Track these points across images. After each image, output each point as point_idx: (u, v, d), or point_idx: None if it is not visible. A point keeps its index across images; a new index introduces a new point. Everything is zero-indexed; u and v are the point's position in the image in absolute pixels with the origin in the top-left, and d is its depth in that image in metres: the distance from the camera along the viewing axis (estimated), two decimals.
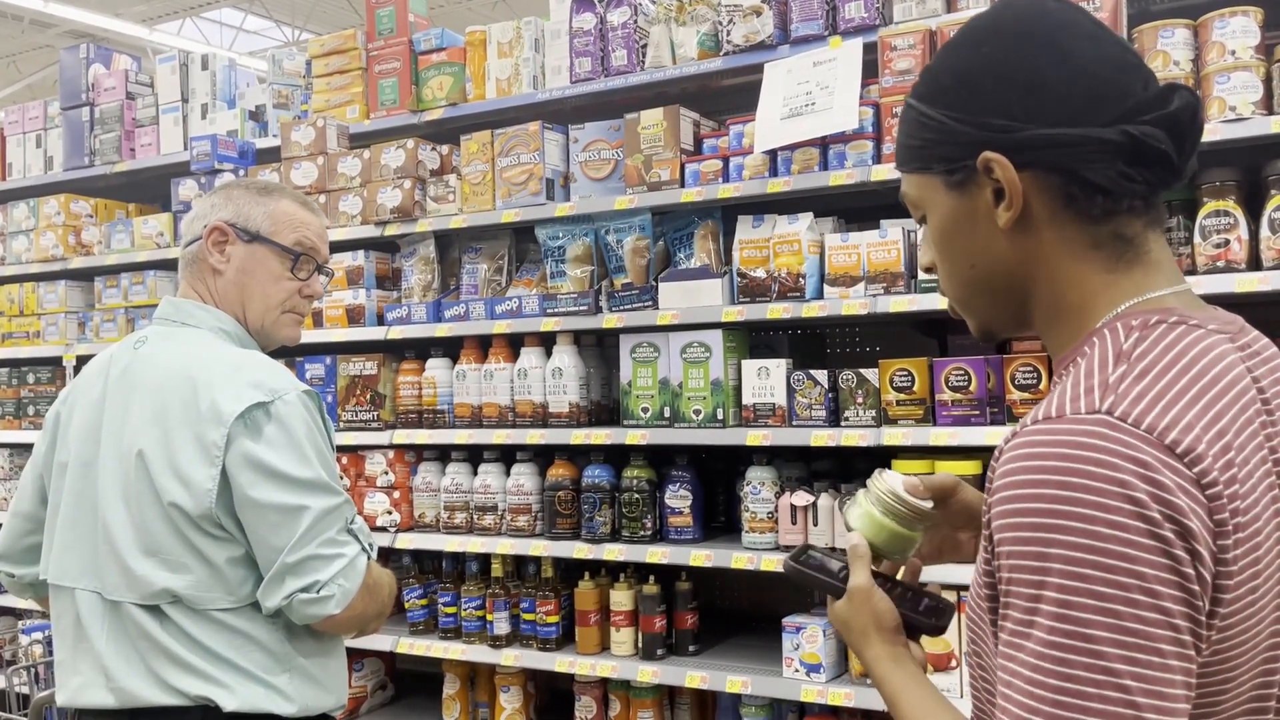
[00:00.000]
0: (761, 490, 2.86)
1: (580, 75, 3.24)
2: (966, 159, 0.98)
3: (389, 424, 3.44)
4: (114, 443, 1.75)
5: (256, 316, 1.89)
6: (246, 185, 1.94)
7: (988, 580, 0.93)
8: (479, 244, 3.51)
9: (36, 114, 4.49)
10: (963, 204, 1.01)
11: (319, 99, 3.75)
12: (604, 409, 3.25)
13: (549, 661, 3.08)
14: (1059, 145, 0.94)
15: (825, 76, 2.78)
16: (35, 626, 3.70)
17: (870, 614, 1.13)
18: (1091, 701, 0.80)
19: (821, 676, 2.71)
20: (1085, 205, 0.96)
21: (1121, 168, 0.94)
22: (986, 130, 0.97)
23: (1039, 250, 0.99)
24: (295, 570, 1.67)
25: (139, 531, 1.70)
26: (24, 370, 4.36)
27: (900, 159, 1.08)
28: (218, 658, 1.67)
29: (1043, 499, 0.84)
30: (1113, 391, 0.87)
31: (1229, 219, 2.37)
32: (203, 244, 1.87)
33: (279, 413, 1.69)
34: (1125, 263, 0.98)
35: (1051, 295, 1.00)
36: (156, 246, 4.03)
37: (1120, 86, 0.94)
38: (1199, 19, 2.46)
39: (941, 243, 1.05)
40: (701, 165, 2.98)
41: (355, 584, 1.69)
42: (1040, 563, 0.84)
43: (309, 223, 1.94)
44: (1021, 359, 2.56)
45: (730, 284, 2.92)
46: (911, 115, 1.04)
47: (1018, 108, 0.96)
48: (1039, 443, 0.87)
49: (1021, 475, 0.86)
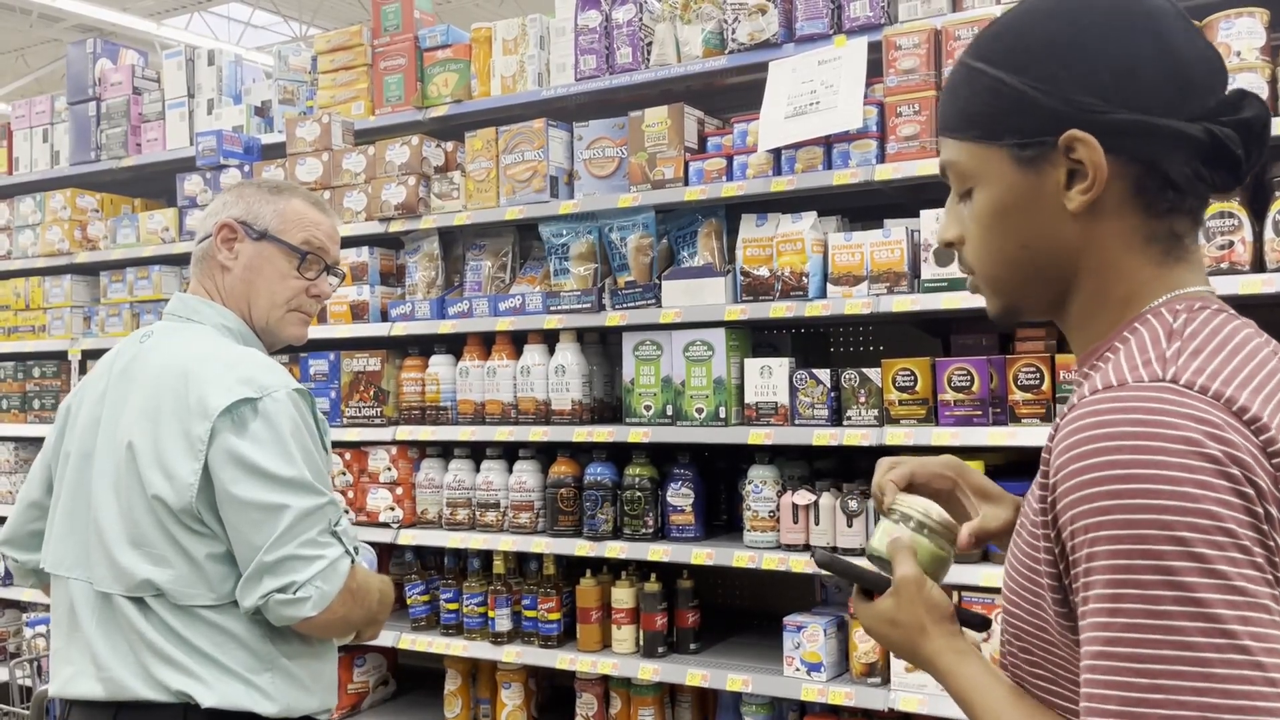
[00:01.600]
0: (763, 489, 2.86)
1: (585, 73, 3.24)
2: (1046, 135, 0.94)
3: (392, 420, 3.45)
4: (110, 435, 1.75)
5: (261, 314, 1.89)
6: (259, 184, 1.95)
7: (1048, 560, 0.89)
8: (483, 241, 3.52)
9: (43, 108, 4.50)
10: (1028, 181, 0.96)
11: (324, 95, 3.75)
12: (606, 407, 3.25)
13: (550, 658, 3.09)
14: (1148, 134, 0.91)
15: (830, 75, 2.77)
16: (39, 620, 3.72)
17: (925, 606, 1.07)
18: (1216, 668, 0.77)
19: (822, 675, 2.71)
20: (1154, 198, 0.94)
21: (1198, 166, 0.92)
22: (1074, 108, 0.92)
23: (1100, 238, 0.96)
24: (272, 570, 1.65)
25: (126, 523, 1.70)
26: (29, 364, 4.37)
27: (954, 124, 1.01)
28: (199, 653, 1.67)
29: (1120, 464, 0.81)
30: (1173, 363, 0.87)
31: (1233, 220, 2.36)
32: (212, 241, 1.88)
33: (266, 410, 1.68)
34: (1173, 259, 0.96)
35: (1099, 285, 0.97)
36: (162, 241, 4.04)
37: (1207, 84, 0.93)
38: (1204, 20, 2.45)
39: (993, 218, 0.99)
40: (705, 163, 2.97)
41: (334, 587, 1.67)
42: (1128, 530, 0.80)
43: (319, 222, 1.94)
44: (1025, 359, 2.55)
45: (733, 282, 2.92)
46: (980, 80, 0.97)
47: (1111, 88, 0.91)
48: (1105, 409, 0.84)
49: (1092, 444, 0.83)
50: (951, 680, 1.03)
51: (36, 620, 3.70)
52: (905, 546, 1.10)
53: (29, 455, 4.41)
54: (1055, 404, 2.52)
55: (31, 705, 2.32)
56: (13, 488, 4.35)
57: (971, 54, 1.00)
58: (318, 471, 1.72)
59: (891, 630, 1.09)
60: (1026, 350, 2.61)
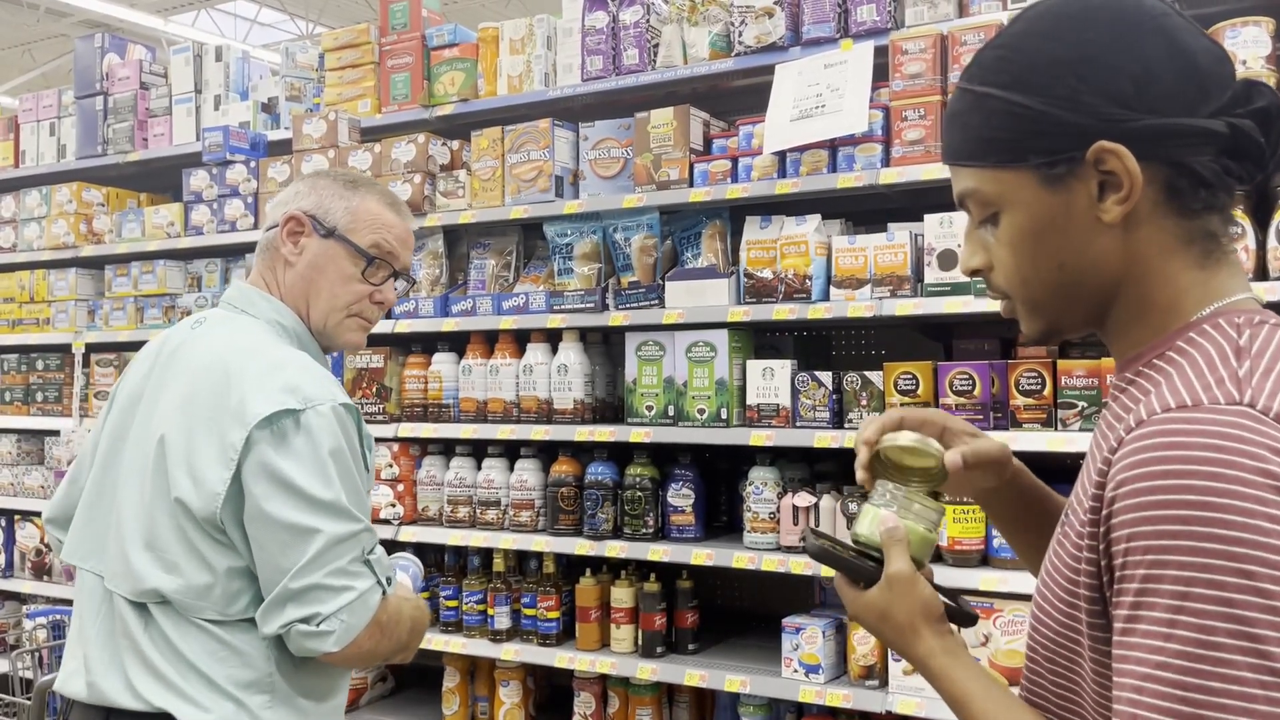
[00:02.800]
0: (764, 490, 2.86)
1: (591, 73, 3.25)
2: (1073, 150, 0.93)
3: (394, 417, 3.46)
4: (144, 424, 1.67)
5: (320, 316, 1.78)
6: (334, 176, 1.84)
7: (1089, 572, 0.89)
8: (487, 240, 3.53)
9: (51, 102, 4.52)
10: (1058, 199, 0.95)
11: (331, 92, 3.76)
12: (608, 406, 3.26)
13: (549, 657, 3.09)
14: (1175, 135, 0.91)
15: (836, 79, 2.78)
16: (39, 611, 3.73)
17: (917, 602, 1.05)
18: (1260, 704, 0.76)
19: (820, 677, 2.72)
20: (1188, 199, 0.93)
21: (1224, 161, 0.92)
22: (1099, 120, 0.91)
23: (1139, 247, 0.95)
24: (297, 598, 1.54)
25: (145, 521, 1.61)
26: (33, 357, 4.38)
27: (971, 153, 0.99)
28: (191, 668, 1.57)
29: (1192, 489, 0.80)
30: (1248, 385, 0.85)
31: (1237, 229, 2.37)
32: (278, 232, 1.78)
33: (309, 424, 1.56)
34: (1214, 261, 0.95)
35: (1141, 293, 0.96)
36: (167, 236, 4.05)
37: (1220, 78, 0.93)
38: (1210, 28, 2.46)
39: (1025, 242, 0.98)
40: (710, 165, 2.98)
41: (361, 621, 1.56)
42: (1194, 557, 0.79)
43: (391, 225, 1.82)
44: (1026, 365, 2.56)
45: (737, 284, 2.93)
46: (991, 104, 0.96)
47: (1133, 96, 0.91)
48: (1179, 430, 0.83)
49: (1163, 465, 0.82)
50: (944, 682, 1.02)
51: (37, 612, 3.71)
52: (899, 539, 1.07)
53: (31, 447, 4.42)
54: (1056, 409, 2.52)
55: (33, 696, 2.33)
56: (14, 479, 4.36)
57: (975, 80, 0.98)
58: (356, 495, 1.61)
59: (881, 624, 1.08)
60: (1028, 355, 2.61)
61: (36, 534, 4.24)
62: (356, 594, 1.56)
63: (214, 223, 3.91)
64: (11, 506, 4.32)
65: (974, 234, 1.03)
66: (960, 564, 2.59)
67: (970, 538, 2.58)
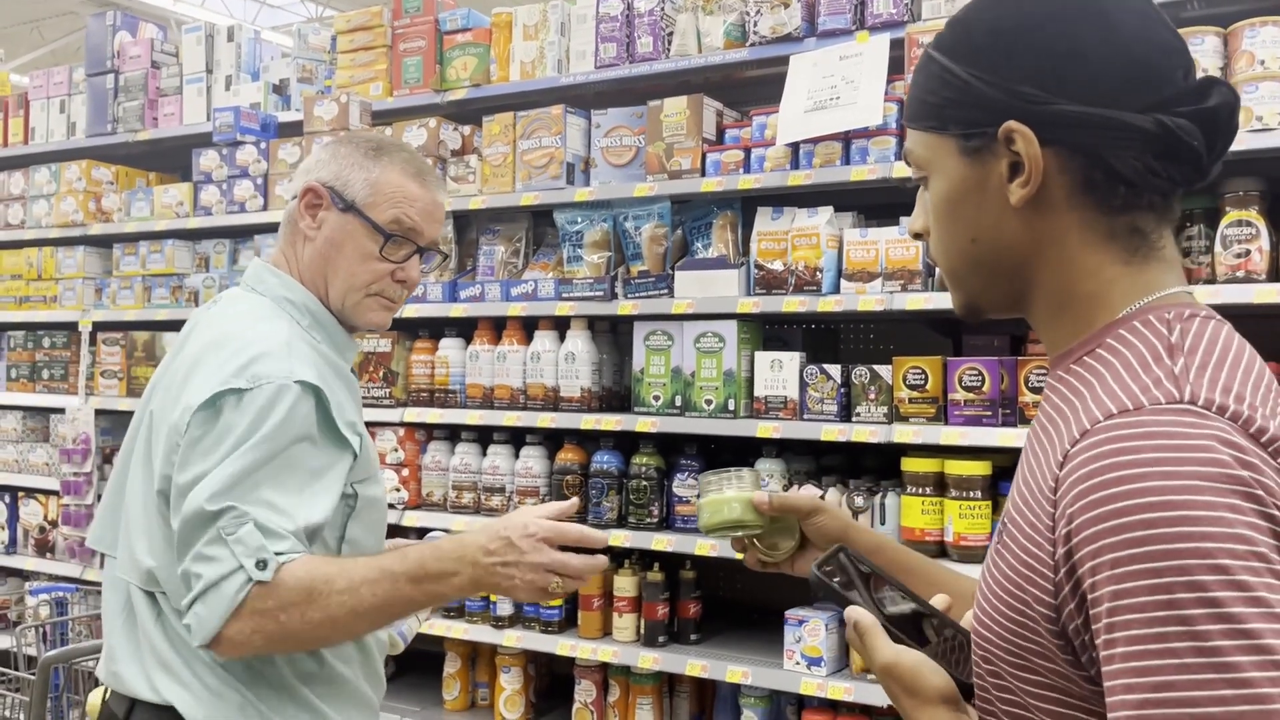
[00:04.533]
0: (770, 482, 2.86)
1: (605, 61, 3.24)
2: (987, 125, 0.91)
3: (400, 402, 3.46)
4: (147, 403, 1.63)
5: (338, 295, 1.67)
6: (357, 142, 1.70)
7: (1044, 589, 0.85)
8: (497, 226, 3.52)
9: (61, 79, 4.51)
10: (974, 172, 0.94)
11: (343, 75, 3.75)
12: (615, 395, 3.25)
13: (550, 644, 3.10)
14: (1089, 126, 0.88)
15: (851, 71, 2.77)
16: (42, 588, 3.73)
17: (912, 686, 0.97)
18: (1276, 703, 0.72)
19: (822, 670, 2.72)
20: (1105, 194, 0.90)
21: (1149, 160, 0.88)
22: (1014, 98, 0.90)
23: (1051, 234, 0.93)
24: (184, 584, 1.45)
25: (142, 506, 1.57)
26: (40, 334, 4.38)
27: (912, 114, 0.99)
28: (199, 660, 1.51)
29: (1151, 492, 0.77)
30: (1186, 382, 0.83)
31: (1251, 229, 2.36)
32: (297, 204, 1.68)
33: (250, 401, 1.46)
34: (1141, 257, 0.93)
35: (1061, 282, 0.94)
36: (176, 216, 4.05)
37: (1161, 72, 0.89)
38: (1229, 27, 2.44)
39: (944, 210, 0.97)
40: (723, 155, 2.97)
41: (216, 612, 1.39)
42: (1167, 560, 0.76)
43: (414, 198, 1.67)
44: (1036, 361, 2.56)
45: (747, 275, 2.92)
46: (934, 69, 0.96)
47: (1051, 78, 0.89)
48: (1128, 436, 0.80)
49: (1119, 471, 0.79)
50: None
51: (40, 589, 3.71)
52: (865, 629, 1.00)
53: (36, 425, 4.43)
54: None
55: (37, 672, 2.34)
56: (19, 456, 4.36)
57: (933, 43, 0.98)
58: (280, 475, 1.45)
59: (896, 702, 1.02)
60: (1039, 352, 2.61)
61: (40, 511, 4.25)
62: (204, 582, 1.40)
63: (223, 203, 3.90)
64: (15, 483, 4.33)
65: (922, 197, 1.03)
66: (965, 559, 2.59)
67: (975, 534, 2.58)
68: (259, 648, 1.45)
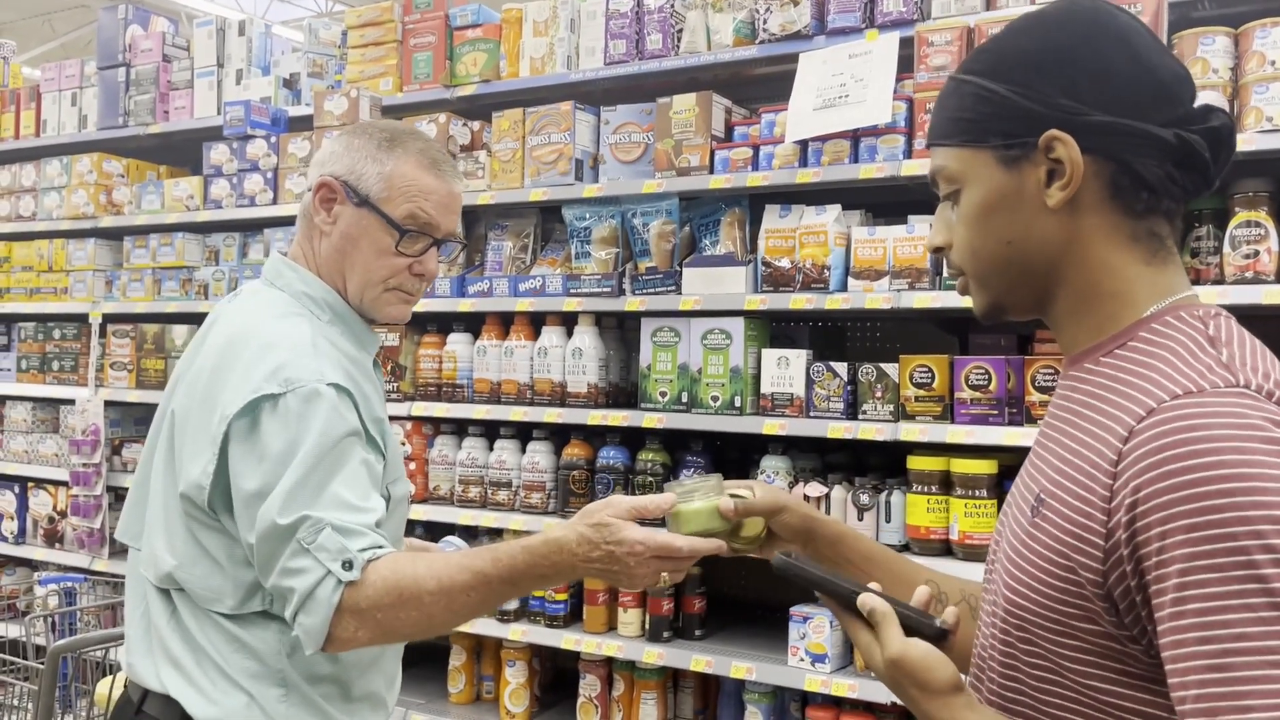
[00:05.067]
0: (775, 479, 2.87)
1: (614, 57, 3.24)
2: (1027, 135, 1.01)
3: (408, 396, 3.47)
4: (168, 400, 1.62)
5: (356, 290, 1.66)
6: (371, 133, 1.67)
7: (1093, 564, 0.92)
8: (505, 221, 3.53)
9: (73, 72, 4.53)
10: (1011, 180, 1.04)
11: (353, 70, 3.76)
12: (622, 391, 3.26)
13: (555, 638, 3.11)
14: (1121, 134, 0.99)
15: (860, 69, 2.77)
16: (51, 578, 3.76)
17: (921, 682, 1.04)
18: None
19: (826, 667, 2.73)
20: (1130, 198, 1.01)
21: (1169, 168, 0.99)
22: (1053, 109, 1.00)
23: (1081, 235, 1.02)
24: (279, 603, 1.47)
25: (163, 503, 1.57)
26: (50, 326, 4.41)
27: (944, 132, 1.09)
28: (208, 658, 1.52)
29: (1227, 465, 0.85)
30: (1237, 369, 0.93)
31: (1260, 230, 2.36)
32: (312, 199, 1.66)
33: (285, 408, 1.46)
34: (1160, 259, 1.03)
35: (1088, 281, 1.04)
36: (186, 209, 4.06)
37: (1176, 94, 1.01)
38: (1240, 27, 2.44)
39: (979, 217, 1.06)
40: (731, 152, 2.98)
41: (318, 619, 1.40)
42: (1247, 527, 0.83)
43: (429, 191, 1.64)
44: (1043, 360, 2.56)
45: (754, 272, 2.93)
46: (967, 89, 1.06)
47: (1086, 93, 0.99)
48: (1196, 414, 0.89)
49: (1191, 446, 0.87)
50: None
51: (49, 579, 3.74)
52: (886, 616, 1.06)
53: (46, 416, 4.45)
54: None
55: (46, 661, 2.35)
56: (28, 447, 4.39)
57: (962, 69, 1.08)
58: (325, 478, 1.45)
59: (885, 679, 1.07)
60: (1045, 352, 2.61)
61: (49, 501, 4.27)
62: (298, 594, 1.41)
63: (233, 197, 3.92)
64: (25, 474, 4.36)
65: (942, 213, 1.12)
66: (970, 558, 2.59)
67: (981, 532, 2.58)
68: (367, 642, 1.46)
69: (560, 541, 1.44)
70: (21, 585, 4.37)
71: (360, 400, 1.55)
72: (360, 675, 1.63)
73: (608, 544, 1.41)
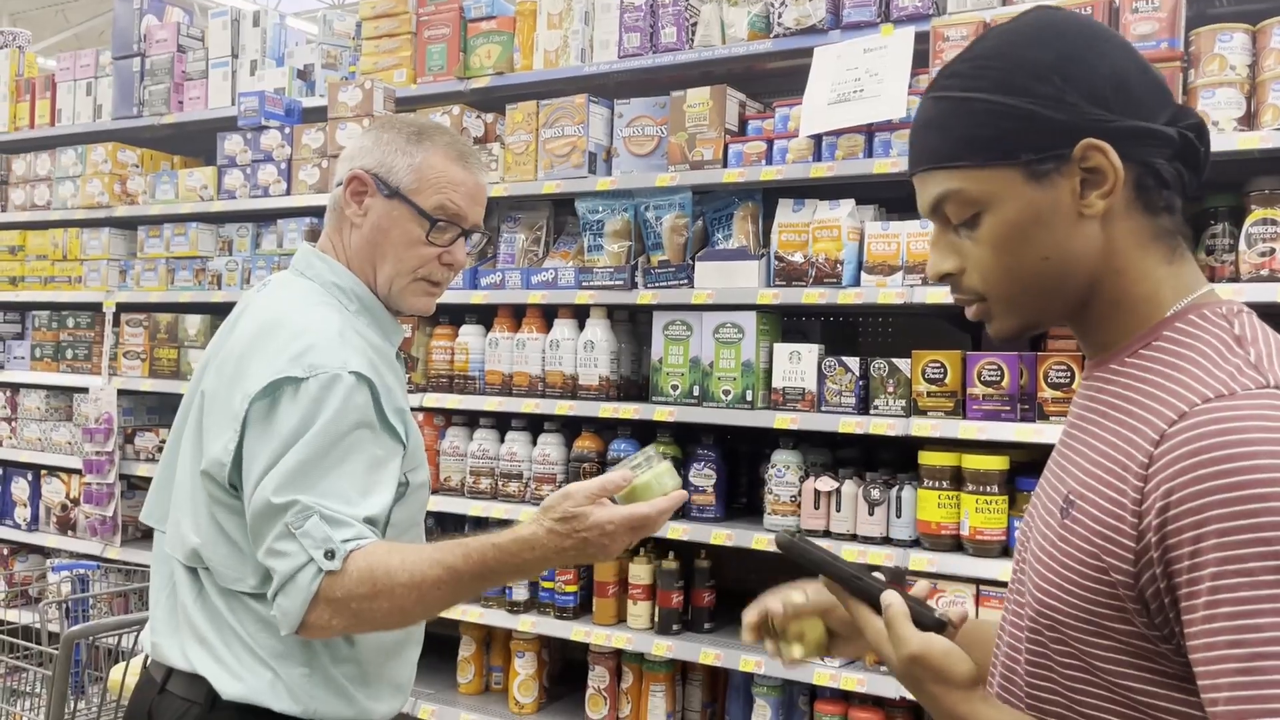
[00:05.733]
0: (786, 473, 2.87)
1: (629, 50, 3.24)
2: (1060, 147, 0.99)
3: (420, 387, 3.48)
4: (197, 385, 1.66)
5: (385, 280, 1.70)
6: (399, 127, 1.72)
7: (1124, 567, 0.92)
8: (518, 213, 3.53)
9: (88, 62, 4.54)
10: (1044, 195, 1.01)
11: (367, 61, 3.77)
12: (633, 384, 3.27)
13: (565, 630, 3.12)
14: (1144, 136, 0.99)
15: (875, 64, 2.77)
16: (64, 565, 3.78)
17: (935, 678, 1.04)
18: None
19: (835, 661, 2.73)
20: (1154, 197, 1.01)
21: (1179, 165, 1.01)
22: (1082, 119, 0.99)
23: (1114, 241, 1.02)
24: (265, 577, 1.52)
25: (190, 484, 1.60)
26: (64, 314, 4.43)
27: (955, 154, 1.03)
28: (236, 636, 1.55)
29: (1261, 469, 0.85)
30: (1266, 369, 0.93)
31: (1276, 228, 2.35)
32: (342, 192, 1.70)
33: (307, 391, 1.49)
34: (1179, 256, 1.04)
35: (1120, 285, 1.03)
36: (200, 199, 4.08)
37: (1167, 95, 1.03)
38: (1258, 24, 2.43)
39: (1012, 237, 1.02)
40: (745, 146, 2.98)
41: (296, 603, 1.45)
42: (1274, 531, 0.84)
43: (458, 183, 1.69)
44: (1055, 357, 2.55)
45: (767, 266, 2.93)
46: (977, 107, 1.01)
47: (1112, 100, 0.99)
48: (1229, 418, 0.88)
49: (1225, 450, 0.87)
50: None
51: (62, 566, 3.76)
52: (901, 613, 1.06)
53: (59, 404, 4.47)
54: None
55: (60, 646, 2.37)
56: (42, 435, 4.41)
57: (954, 89, 1.03)
58: (318, 464, 1.48)
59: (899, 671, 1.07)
60: (1058, 348, 2.60)
61: (62, 489, 4.30)
62: (280, 576, 1.46)
63: (247, 187, 3.93)
64: (39, 461, 4.38)
65: (943, 239, 1.07)
66: (981, 554, 2.59)
67: (992, 528, 2.58)
68: (341, 630, 1.50)
69: (530, 540, 1.48)
70: (34, 572, 4.39)
71: (383, 390, 1.58)
72: (383, 659, 1.66)
73: (579, 533, 1.47)
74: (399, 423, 1.61)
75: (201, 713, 1.56)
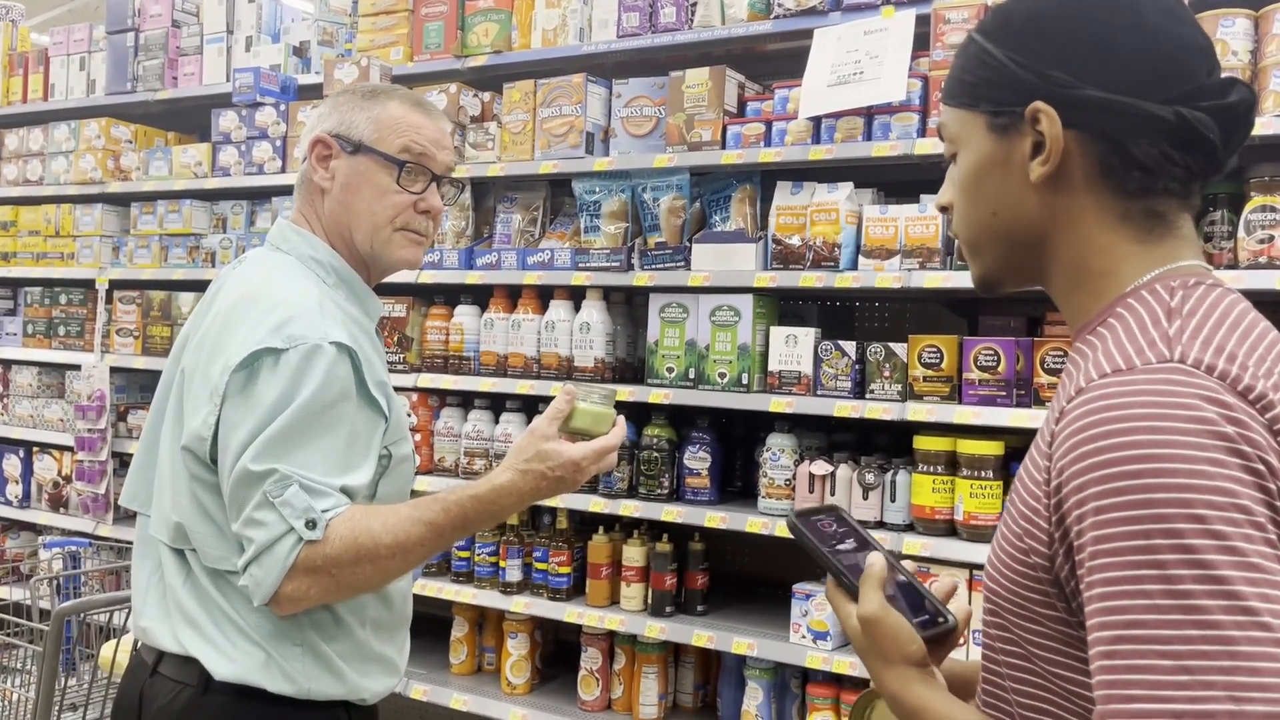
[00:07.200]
0: (781, 457, 2.87)
1: (627, 30, 3.22)
2: (1016, 105, 0.97)
3: (415, 367, 3.47)
4: (175, 364, 1.65)
5: (365, 238, 1.68)
6: (354, 90, 1.72)
7: (1040, 544, 0.90)
8: (515, 193, 3.51)
9: (82, 36, 4.50)
10: (1000, 149, 1.00)
11: (364, 38, 3.74)
12: (629, 366, 3.26)
13: (558, 611, 3.12)
14: (1110, 112, 0.93)
15: (875, 46, 2.75)
16: (55, 542, 3.77)
17: (889, 643, 0.99)
18: (1241, 645, 0.76)
19: (828, 644, 2.73)
20: (1121, 178, 0.95)
21: (1166, 148, 0.93)
22: (1043, 80, 0.95)
23: (1068, 212, 0.98)
24: (238, 547, 1.50)
25: (171, 465, 1.59)
26: (56, 291, 4.40)
27: (949, 91, 1.06)
28: (226, 617, 1.54)
29: (1135, 445, 0.81)
30: (1177, 343, 0.87)
31: (1275, 215, 2.34)
32: (309, 160, 1.69)
33: (287, 362, 1.48)
34: (1155, 236, 0.97)
35: (1077, 259, 0.99)
36: (194, 176, 4.05)
37: (1185, 67, 0.94)
38: (1261, 9, 2.42)
39: (969, 184, 1.03)
40: (744, 128, 2.96)
41: (271, 573, 1.44)
42: (1146, 509, 0.80)
43: (420, 125, 1.68)
44: (1052, 342, 2.55)
45: (764, 249, 2.92)
46: (973, 50, 1.02)
47: (1080, 65, 0.94)
48: (1115, 393, 0.85)
49: (1104, 426, 0.83)
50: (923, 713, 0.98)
51: (53, 543, 3.75)
52: (874, 576, 1.01)
53: (51, 381, 4.46)
54: None
55: (51, 623, 2.36)
56: (34, 411, 4.39)
57: (976, 27, 1.04)
58: (318, 438, 1.48)
59: (857, 644, 1.03)
60: (1055, 334, 2.60)
61: (54, 466, 4.28)
62: (257, 545, 1.45)
63: (241, 164, 3.91)
64: (30, 438, 4.37)
65: (950, 171, 1.08)
66: (975, 539, 2.59)
67: (986, 513, 2.58)
68: (316, 600, 1.50)
69: (507, 487, 1.57)
70: (26, 549, 4.38)
71: (364, 362, 1.57)
72: (375, 637, 1.65)
73: (554, 472, 1.57)
74: (380, 395, 1.60)
75: (194, 695, 1.54)
